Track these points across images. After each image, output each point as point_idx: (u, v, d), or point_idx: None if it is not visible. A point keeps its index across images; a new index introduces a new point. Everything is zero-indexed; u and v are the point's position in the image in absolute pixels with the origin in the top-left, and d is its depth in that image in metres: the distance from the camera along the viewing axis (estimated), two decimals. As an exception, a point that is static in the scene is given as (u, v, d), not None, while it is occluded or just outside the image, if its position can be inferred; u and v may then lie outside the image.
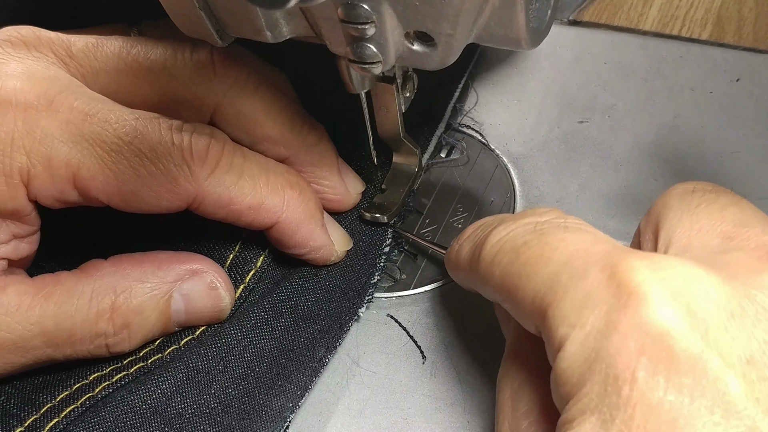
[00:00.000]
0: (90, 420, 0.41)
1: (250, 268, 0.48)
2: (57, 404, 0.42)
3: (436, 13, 0.37)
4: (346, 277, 0.49)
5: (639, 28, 0.59)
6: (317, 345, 0.46)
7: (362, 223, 0.51)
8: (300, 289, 0.48)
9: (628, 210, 0.50)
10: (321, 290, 0.48)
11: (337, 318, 0.47)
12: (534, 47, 0.43)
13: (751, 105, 0.53)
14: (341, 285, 0.49)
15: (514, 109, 0.57)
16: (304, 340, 0.46)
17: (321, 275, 0.49)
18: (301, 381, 0.45)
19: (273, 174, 0.45)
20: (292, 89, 0.50)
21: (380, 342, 0.47)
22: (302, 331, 0.46)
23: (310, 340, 0.46)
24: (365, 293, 0.48)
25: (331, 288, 0.48)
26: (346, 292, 0.48)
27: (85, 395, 0.43)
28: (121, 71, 0.44)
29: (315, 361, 0.45)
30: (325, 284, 0.49)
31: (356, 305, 0.48)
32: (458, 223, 0.51)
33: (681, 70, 0.56)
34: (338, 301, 0.48)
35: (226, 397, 0.43)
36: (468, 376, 0.44)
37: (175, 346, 0.45)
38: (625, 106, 0.55)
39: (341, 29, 0.39)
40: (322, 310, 0.47)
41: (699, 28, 0.58)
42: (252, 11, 0.41)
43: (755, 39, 0.57)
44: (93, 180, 0.41)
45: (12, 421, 0.42)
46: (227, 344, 0.44)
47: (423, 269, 0.50)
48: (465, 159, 0.55)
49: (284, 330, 0.46)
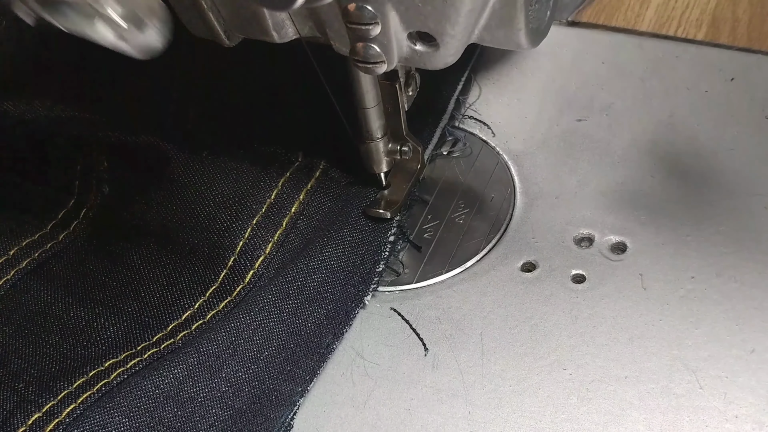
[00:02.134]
0: (105, 405, 0.42)
1: (259, 254, 0.48)
2: (74, 390, 0.43)
3: (438, 14, 0.37)
4: (350, 259, 0.49)
5: (636, 29, 0.59)
6: (324, 331, 0.46)
7: (366, 219, 0.51)
8: (306, 269, 0.48)
9: (625, 206, 0.50)
10: (326, 270, 0.48)
11: (342, 304, 0.47)
12: (534, 47, 0.43)
13: (745, 104, 0.53)
14: (346, 266, 0.49)
15: (515, 107, 0.57)
16: (311, 325, 0.46)
17: (325, 254, 0.49)
18: (309, 366, 0.45)
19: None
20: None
21: (383, 335, 0.47)
22: (309, 315, 0.47)
23: (317, 325, 0.46)
24: (371, 280, 0.49)
25: (336, 269, 0.49)
26: (350, 276, 0.49)
27: (101, 381, 0.43)
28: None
29: (322, 347, 0.46)
30: (330, 264, 0.49)
31: (362, 292, 0.48)
32: (460, 218, 0.51)
33: (677, 69, 0.56)
34: (343, 285, 0.48)
35: (236, 381, 0.43)
36: (469, 368, 0.44)
37: (186, 331, 0.45)
38: (622, 104, 0.55)
39: (346, 30, 0.39)
40: (327, 293, 0.48)
41: (694, 28, 0.58)
42: (259, 12, 0.41)
43: (749, 39, 0.57)
44: None
45: (30, 407, 0.42)
46: (236, 328, 0.45)
47: (425, 264, 0.50)
48: (468, 151, 0.55)
49: (291, 313, 0.46)
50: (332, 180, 0.53)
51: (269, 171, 0.52)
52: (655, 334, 0.44)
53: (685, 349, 0.43)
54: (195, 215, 0.49)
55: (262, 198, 0.51)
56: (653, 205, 0.50)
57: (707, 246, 0.47)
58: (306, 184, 0.52)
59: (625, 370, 0.43)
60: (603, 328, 0.45)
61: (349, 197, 0.52)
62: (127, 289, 0.48)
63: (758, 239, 0.47)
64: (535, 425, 0.41)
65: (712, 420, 0.40)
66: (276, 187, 0.52)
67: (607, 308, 0.45)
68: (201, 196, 0.51)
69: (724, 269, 0.46)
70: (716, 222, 0.48)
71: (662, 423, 0.41)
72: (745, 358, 0.42)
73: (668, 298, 0.45)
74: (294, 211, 0.51)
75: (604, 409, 0.42)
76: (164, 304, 0.47)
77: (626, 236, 0.48)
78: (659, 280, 0.46)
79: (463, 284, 0.48)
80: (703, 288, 0.45)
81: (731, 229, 0.48)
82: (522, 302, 0.47)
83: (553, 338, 0.45)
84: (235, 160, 0.53)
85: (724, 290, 0.45)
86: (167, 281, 0.48)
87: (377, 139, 0.50)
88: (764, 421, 0.40)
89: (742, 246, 0.47)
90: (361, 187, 0.53)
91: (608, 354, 0.44)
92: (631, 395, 0.42)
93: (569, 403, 0.42)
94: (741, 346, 0.43)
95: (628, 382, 0.42)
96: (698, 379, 0.42)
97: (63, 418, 0.41)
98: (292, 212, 0.51)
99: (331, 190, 0.53)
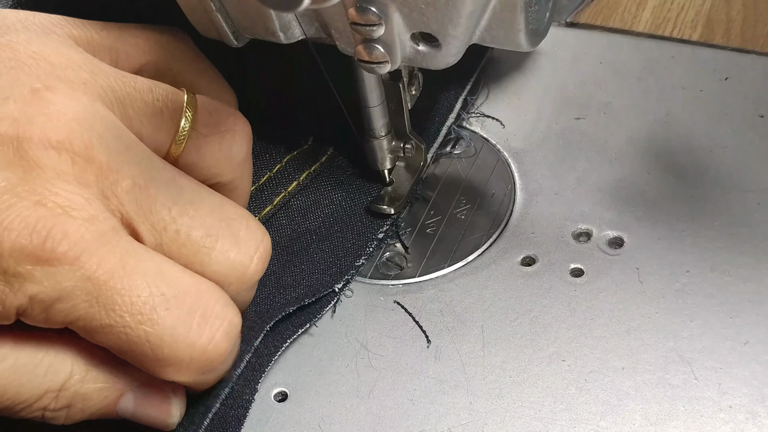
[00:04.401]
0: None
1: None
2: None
3: (440, 15, 0.37)
4: (334, 253, 0.49)
5: (633, 30, 0.59)
6: (292, 319, 0.46)
7: (368, 214, 0.51)
8: (286, 263, 0.48)
9: (622, 202, 0.50)
10: (308, 263, 0.48)
11: (314, 289, 0.47)
12: (533, 48, 0.43)
13: (739, 102, 0.53)
14: (328, 258, 0.49)
15: (515, 106, 0.57)
16: (278, 304, 0.46)
17: (311, 250, 0.49)
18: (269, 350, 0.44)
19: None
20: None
21: (387, 327, 0.47)
22: (280, 297, 0.46)
23: (284, 303, 0.46)
24: (347, 272, 0.48)
25: (317, 261, 0.49)
26: (329, 267, 0.48)
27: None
28: None
29: (288, 338, 0.45)
30: (313, 257, 0.49)
31: (335, 281, 0.47)
32: (461, 214, 0.51)
33: (673, 69, 0.56)
34: (320, 274, 0.48)
35: None
36: (470, 360, 0.44)
37: None
38: (619, 103, 0.55)
39: (351, 31, 0.39)
40: (303, 279, 0.47)
41: (689, 29, 0.58)
42: (266, 14, 0.41)
43: (743, 40, 0.57)
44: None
45: None
46: None
47: (428, 258, 0.50)
48: (472, 150, 0.55)
49: (265, 298, 0.46)
50: (338, 167, 0.53)
51: (276, 148, 0.52)
52: (651, 327, 0.44)
53: (681, 340, 0.43)
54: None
55: (261, 171, 0.51)
56: (649, 201, 0.50)
57: (702, 241, 0.47)
58: (309, 167, 0.52)
59: (622, 362, 0.43)
60: (600, 321, 0.45)
61: (350, 190, 0.52)
62: None
63: (751, 234, 0.47)
64: (534, 415, 0.41)
65: (707, 410, 0.40)
66: (280, 163, 0.52)
67: (604, 301, 0.45)
68: None
69: (718, 263, 0.46)
70: (711, 217, 0.48)
71: (658, 412, 0.41)
72: (738, 349, 0.42)
73: (664, 292, 0.45)
74: (290, 190, 0.51)
75: (602, 399, 0.42)
76: None
77: (623, 231, 0.48)
78: (655, 274, 0.46)
79: (464, 278, 0.48)
80: (697, 282, 0.45)
81: (725, 225, 0.47)
82: (522, 295, 0.47)
83: (552, 330, 0.45)
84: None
85: (719, 284, 0.45)
86: None
87: (381, 136, 0.50)
88: (757, 411, 0.40)
89: (735, 241, 0.47)
90: (365, 181, 0.52)
91: (606, 346, 0.44)
92: (628, 386, 0.42)
93: (568, 393, 0.42)
94: (735, 338, 0.43)
95: (625, 373, 0.42)
96: (693, 370, 0.42)
97: None
98: (288, 190, 0.51)
99: (334, 176, 0.53)
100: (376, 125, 0.49)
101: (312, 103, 0.55)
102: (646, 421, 0.40)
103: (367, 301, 0.48)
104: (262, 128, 0.54)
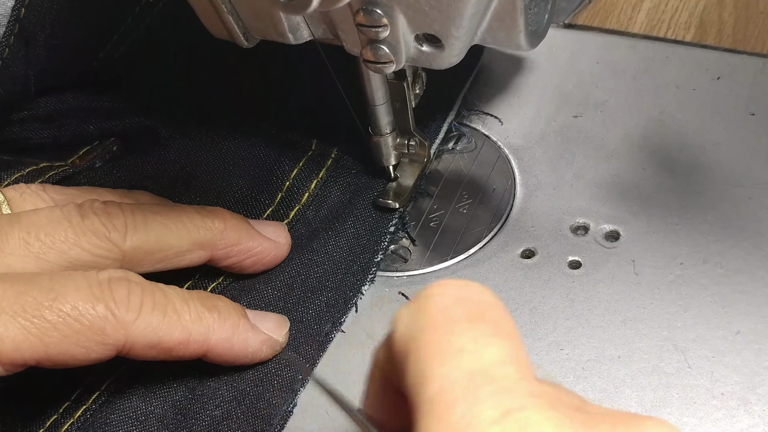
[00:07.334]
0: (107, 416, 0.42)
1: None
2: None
3: (443, 17, 0.37)
4: (352, 250, 0.49)
5: (628, 31, 0.59)
6: (323, 319, 0.46)
7: (375, 208, 0.51)
8: (310, 262, 0.48)
9: (619, 197, 0.50)
10: (329, 262, 0.48)
11: (342, 293, 0.47)
12: (532, 48, 0.42)
13: (731, 101, 0.53)
14: (347, 256, 0.49)
15: (515, 104, 0.57)
16: (312, 313, 0.46)
17: (329, 246, 0.49)
18: (308, 354, 0.45)
19: (192, 303, 0.41)
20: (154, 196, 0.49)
21: (392, 317, 0.47)
22: (311, 303, 0.46)
23: (318, 312, 0.46)
24: (368, 270, 0.48)
25: (338, 260, 0.48)
26: (351, 266, 0.48)
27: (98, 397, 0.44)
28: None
29: (321, 335, 0.45)
30: (333, 256, 0.49)
31: (360, 282, 0.48)
32: (463, 208, 0.51)
33: (667, 69, 0.56)
34: (343, 274, 0.48)
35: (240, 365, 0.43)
36: (472, 348, 0.44)
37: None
38: (615, 102, 0.55)
39: (357, 32, 0.39)
40: (328, 281, 0.47)
41: (683, 30, 0.58)
42: (275, 15, 0.41)
43: (734, 41, 0.57)
44: (18, 351, 0.36)
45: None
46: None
47: (431, 251, 0.50)
48: (473, 146, 0.55)
49: (295, 303, 0.46)
50: (343, 168, 0.53)
51: (283, 161, 0.52)
52: (647, 317, 0.44)
53: (675, 330, 0.43)
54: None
55: (274, 192, 0.51)
56: (644, 195, 0.50)
57: (695, 234, 0.47)
58: (317, 174, 0.52)
59: (618, 351, 0.43)
60: (597, 311, 0.45)
61: (358, 188, 0.52)
62: None
63: (743, 228, 0.47)
64: (534, 401, 0.41)
65: (700, 397, 0.40)
66: (288, 180, 0.52)
67: (601, 292, 0.45)
68: (220, 194, 0.51)
69: (710, 256, 0.46)
70: (703, 212, 0.48)
71: (653, 400, 0.41)
72: (730, 339, 0.42)
73: (658, 283, 0.45)
74: (304, 202, 0.51)
75: (599, 387, 0.42)
76: None
77: (619, 225, 0.48)
78: (650, 266, 0.46)
79: (466, 270, 0.48)
80: (691, 273, 0.45)
81: (718, 219, 0.47)
82: (522, 287, 0.47)
83: (551, 320, 0.45)
84: (252, 147, 0.53)
85: (711, 275, 0.45)
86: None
87: (386, 134, 0.49)
88: (749, 398, 0.40)
89: (727, 234, 0.47)
90: (371, 178, 0.52)
91: (602, 335, 0.44)
92: (624, 374, 0.42)
93: (566, 381, 0.42)
94: (727, 327, 0.43)
95: (621, 361, 0.42)
96: (687, 359, 0.42)
97: None
98: (301, 203, 0.51)
99: (341, 178, 0.52)
100: (381, 123, 0.49)
101: (314, 104, 0.55)
102: (641, 408, 0.40)
103: (373, 292, 0.48)
104: (267, 132, 0.54)
